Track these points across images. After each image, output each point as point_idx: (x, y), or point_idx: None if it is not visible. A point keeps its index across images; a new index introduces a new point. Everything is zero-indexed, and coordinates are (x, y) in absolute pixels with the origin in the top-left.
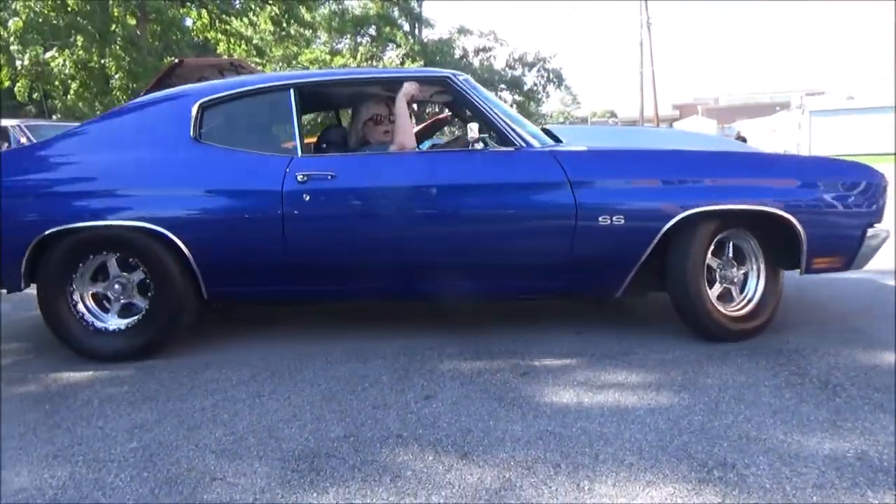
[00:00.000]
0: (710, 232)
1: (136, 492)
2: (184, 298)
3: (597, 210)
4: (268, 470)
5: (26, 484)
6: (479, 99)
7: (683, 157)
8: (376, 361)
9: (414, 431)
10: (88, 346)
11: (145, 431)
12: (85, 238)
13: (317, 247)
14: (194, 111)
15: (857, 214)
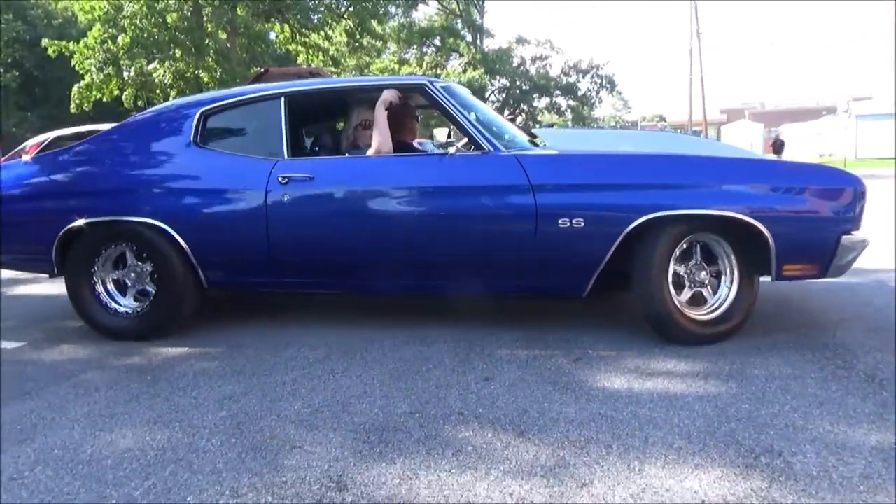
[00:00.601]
0: (675, 236)
1: (226, 456)
2: (184, 288)
3: (556, 213)
4: (341, 441)
5: (131, 445)
6: (451, 104)
7: (647, 161)
8: (439, 345)
9: (474, 410)
10: (105, 324)
11: (233, 402)
12: (100, 231)
13: (296, 243)
14: (196, 118)
15: (831, 221)
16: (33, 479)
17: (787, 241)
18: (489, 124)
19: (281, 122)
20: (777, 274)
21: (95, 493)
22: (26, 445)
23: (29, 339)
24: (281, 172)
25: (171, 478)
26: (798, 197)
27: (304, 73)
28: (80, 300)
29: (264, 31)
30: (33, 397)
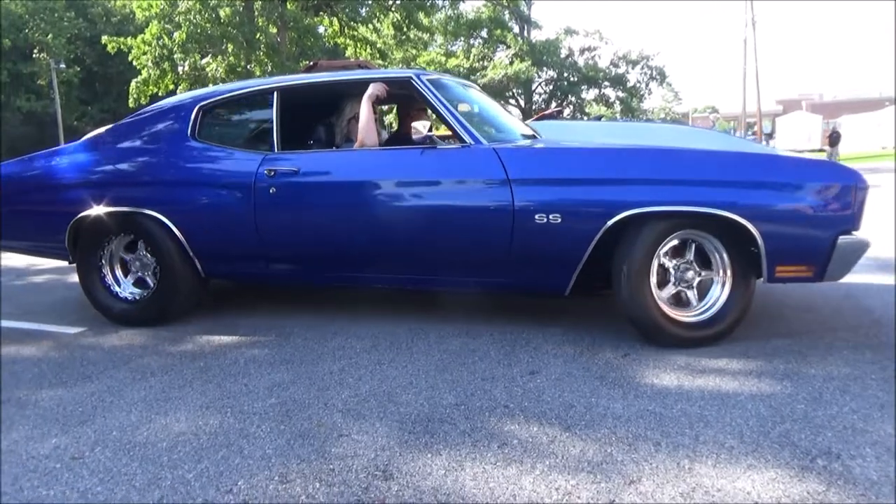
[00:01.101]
0: (656, 234)
1: (275, 442)
2: (182, 277)
3: (533, 208)
4: (387, 430)
5: (184, 429)
6: (435, 97)
7: (626, 155)
8: (484, 338)
9: (520, 403)
10: (110, 308)
11: (282, 389)
12: (105, 221)
13: (283, 235)
14: (194, 113)
15: (827, 220)
16: (93, 459)
17: (778, 241)
18: (481, 117)
19: (272, 116)
20: (769, 275)
21: (151, 473)
22: (87, 426)
23: (90, 325)
24: (268, 166)
25: (222, 462)
26: (790, 193)
27: (353, 65)
28: (89, 285)
29: (313, 25)
30: (94, 380)
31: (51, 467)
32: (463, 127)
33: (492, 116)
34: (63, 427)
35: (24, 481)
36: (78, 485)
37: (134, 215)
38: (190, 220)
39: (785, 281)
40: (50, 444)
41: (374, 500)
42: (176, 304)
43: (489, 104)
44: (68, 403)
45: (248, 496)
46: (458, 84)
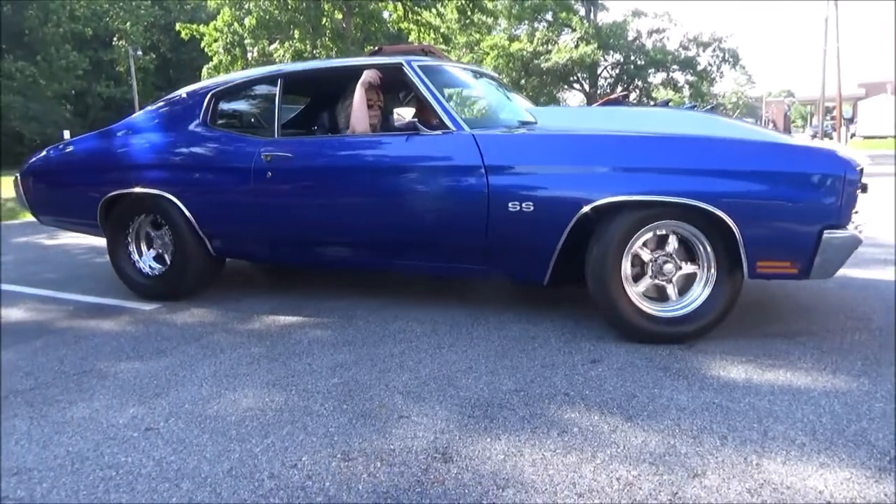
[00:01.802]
0: (629, 225)
1: (337, 420)
2: (193, 255)
3: (507, 196)
4: (447, 414)
5: (252, 404)
6: (423, 83)
7: (602, 143)
8: (545, 324)
9: (580, 391)
10: (144, 283)
11: (345, 370)
12: (128, 201)
13: (279, 217)
14: (207, 100)
15: (810, 213)
16: (167, 430)
17: (757, 234)
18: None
19: (275, 103)
20: (750, 271)
21: (220, 445)
22: (161, 398)
23: (163, 302)
24: (266, 151)
25: (287, 438)
26: (770, 182)
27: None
28: (116, 259)
29: (378, 10)
30: (167, 355)
31: (128, 436)
32: (447, 113)
33: (492, 102)
34: (140, 398)
35: (104, 448)
36: (153, 453)
37: (152, 196)
38: (199, 202)
39: (768, 277)
40: (128, 414)
41: (433, 481)
42: (187, 281)
43: (495, 90)
44: (144, 376)
45: (311, 471)
46: (464, 70)
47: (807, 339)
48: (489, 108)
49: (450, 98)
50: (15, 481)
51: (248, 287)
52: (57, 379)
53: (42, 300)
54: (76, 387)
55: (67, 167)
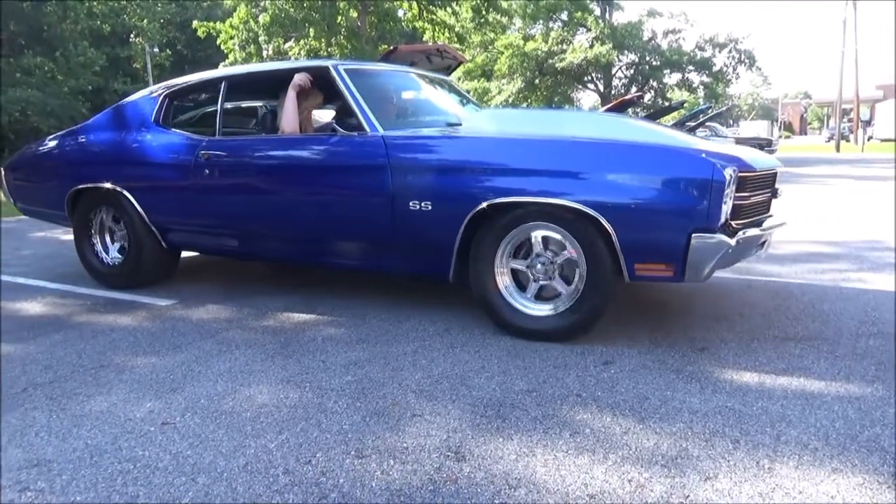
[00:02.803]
0: (504, 225)
1: (351, 418)
2: (146, 246)
3: (408, 195)
4: (459, 413)
5: (266, 401)
6: (345, 86)
7: (494, 145)
8: None
9: (592, 393)
10: (102, 272)
11: (358, 368)
12: (90, 195)
13: (215, 212)
14: (160, 101)
15: (679, 216)
16: (184, 425)
17: (631, 237)
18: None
19: (218, 104)
20: (630, 273)
21: (236, 441)
22: (178, 394)
23: (179, 298)
24: (205, 149)
25: (301, 434)
26: (642, 186)
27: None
28: (81, 249)
29: (393, 9)
30: (183, 350)
31: (146, 430)
32: (363, 114)
33: (426, 105)
34: (156, 393)
35: (122, 441)
36: (170, 448)
37: (109, 191)
38: (147, 196)
39: (647, 279)
40: (145, 408)
41: (446, 479)
42: (143, 271)
43: (438, 93)
44: (160, 371)
45: (325, 468)
46: (404, 73)
47: (820, 343)
48: (419, 111)
49: (390, 100)
50: (35, 472)
51: (263, 284)
52: (75, 372)
53: (60, 294)
54: (94, 380)
55: (41, 162)
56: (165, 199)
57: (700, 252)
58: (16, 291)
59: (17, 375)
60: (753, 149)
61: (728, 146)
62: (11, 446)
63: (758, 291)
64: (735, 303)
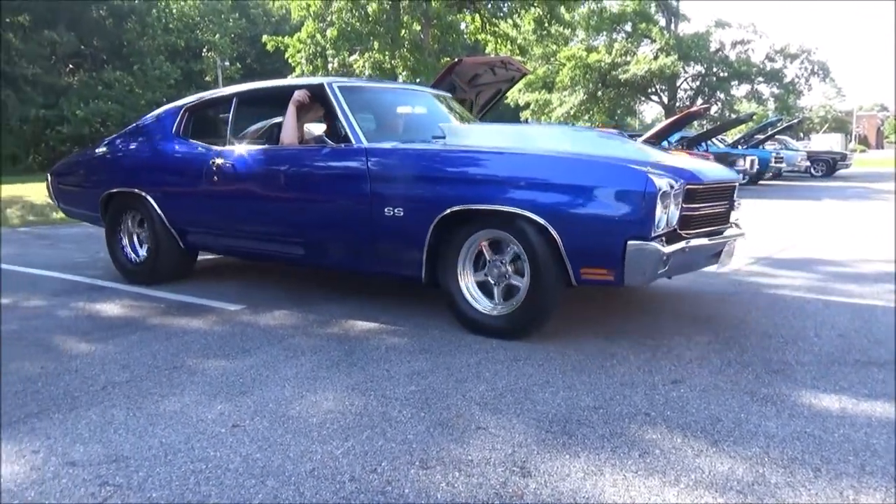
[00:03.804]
0: (465, 231)
1: (415, 428)
2: (165, 246)
3: (384, 202)
4: (524, 427)
5: (332, 407)
6: (336, 101)
7: (457, 157)
8: (623, 341)
9: (662, 412)
10: (128, 268)
11: (422, 378)
12: (119, 199)
13: (222, 215)
14: (181, 114)
15: (616, 224)
16: (253, 428)
17: (575, 243)
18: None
19: (229, 117)
20: (576, 277)
21: (303, 446)
22: (247, 397)
23: (247, 303)
24: (215, 158)
25: (367, 442)
26: (585, 196)
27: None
28: (111, 247)
29: (456, 22)
30: (252, 355)
31: (216, 431)
32: (350, 128)
33: (415, 118)
34: (226, 395)
35: (194, 441)
36: (240, 450)
37: (134, 195)
38: (167, 201)
39: (591, 283)
40: (216, 410)
41: (511, 494)
42: (162, 270)
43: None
44: (230, 374)
45: (391, 477)
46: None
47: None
48: (409, 124)
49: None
50: (114, 468)
51: (326, 291)
52: (151, 373)
53: (135, 297)
54: (168, 381)
55: (80, 168)
56: (182, 204)
57: (635, 257)
58: (95, 293)
59: (97, 374)
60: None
61: (684, 160)
62: (93, 441)
63: (836, 312)
64: (811, 323)
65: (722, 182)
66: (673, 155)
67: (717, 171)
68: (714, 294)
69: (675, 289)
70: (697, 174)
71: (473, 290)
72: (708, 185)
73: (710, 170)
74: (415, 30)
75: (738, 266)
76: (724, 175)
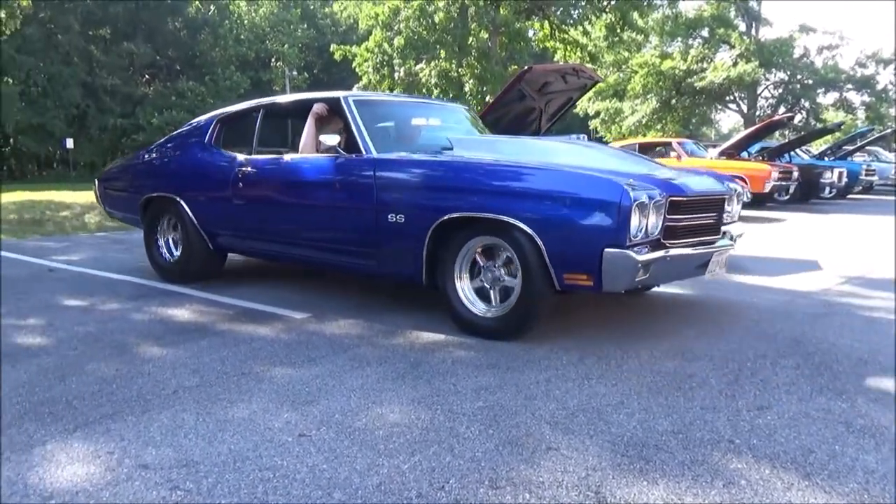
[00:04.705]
0: (462, 237)
1: (484, 445)
2: (196, 247)
3: (388, 208)
4: (598, 450)
5: (398, 420)
6: (350, 114)
7: (456, 167)
8: (702, 362)
9: (747, 440)
10: (163, 267)
11: (489, 393)
12: (156, 203)
13: (246, 219)
14: (213, 124)
15: (595, 232)
16: (319, 438)
17: (557, 250)
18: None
19: (255, 127)
20: (559, 282)
21: (370, 459)
22: (313, 406)
23: (313, 312)
24: (240, 166)
25: (434, 458)
26: (567, 206)
27: (567, 69)
28: (148, 247)
29: (524, 29)
30: (317, 364)
31: (284, 440)
32: (361, 139)
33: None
34: (293, 404)
35: (262, 449)
36: (307, 460)
37: (169, 199)
38: (198, 205)
39: (573, 289)
40: (283, 419)
41: None
42: (193, 269)
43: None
44: (297, 382)
45: (459, 496)
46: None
47: None
48: (421, 136)
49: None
50: (185, 472)
51: (391, 301)
52: (220, 378)
53: (206, 303)
54: (237, 387)
55: (123, 174)
56: (212, 208)
57: (611, 265)
58: (168, 297)
59: (169, 377)
60: (704, 176)
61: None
62: (164, 445)
63: None
64: None
65: (708, 194)
66: (670, 168)
67: (704, 184)
68: (801, 314)
69: (756, 307)
70: (682, 187)
71: (469, 293)
72: (692, 198)
73: (696, 183)
74: (482, 38)
75: (827, 285)
76: (711, 188)
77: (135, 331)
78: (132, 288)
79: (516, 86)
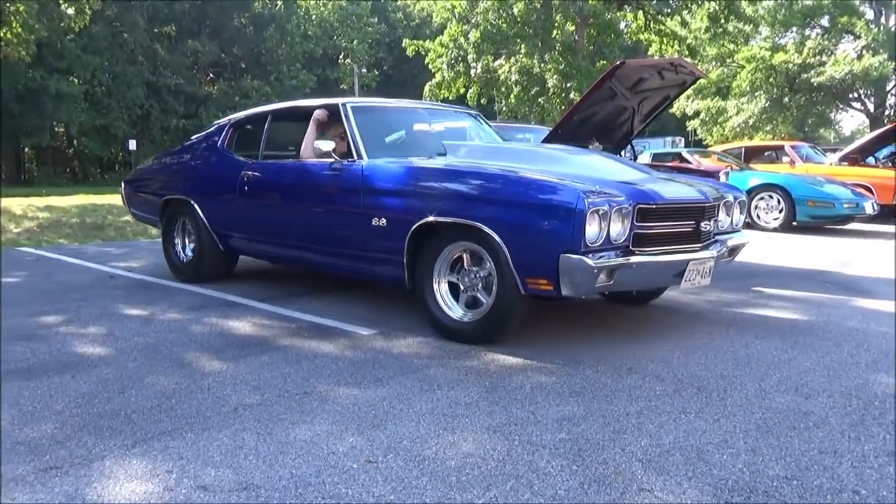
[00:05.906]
0: (438, 242)
1: (567, 482)
2: (207, 248)
3: (372, 212)
4: (697, 494)
5: (472, 450)
6: (347, 120)
7: (429, 172)
8: (821, 399)
9: (875, 491)
10: (177, 267)
11: (573, 425)
12: (174, 204)
13: (251, 221)
14: (227, 129)
15: (551, 237)
16: (386, 466)
17: (519, 254)
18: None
19: (263, 132)
20: (523, 286)
21: (440, 491)
22: (380, 430)
23: (380, 328)
24: (247, 169)
25: (511, 494)
26: (527, 212)
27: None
28: (165, 247)
29: (615, 20)
30: (385, 385)
31: (348, 466)
32: (354, 145)
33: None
34: (358, 427)
35: (325, 475)
36: (373, 489)
37: (184, 201)
38: (210, 207)
39: (537, 294)
40: (347, 443)
41: None
42: (205, 269)
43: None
44: (362, 404)
45: None
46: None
47: None
48: (418, 142)
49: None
50: (244, 496)
51: None
52: (281, 397)
53: (267, 315)
54: (299, 407)
55: (145, 177)
56: (223, 211)
57: (567, 269)
58: (228, 309)
59: (228, 394)
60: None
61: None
62: (224, 466)
63: None
64: None
65: (682, 203)
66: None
67: (679, 192)
68: None
69: (885, 336)
70: (651, 194)
71: (448, 298)
72: (663, 206)
73: (670, 191)
74: (568, 30)
75: None
76: (686, 196)
77: (194, 343)
78: (192, 297)
79: (606, 83)
